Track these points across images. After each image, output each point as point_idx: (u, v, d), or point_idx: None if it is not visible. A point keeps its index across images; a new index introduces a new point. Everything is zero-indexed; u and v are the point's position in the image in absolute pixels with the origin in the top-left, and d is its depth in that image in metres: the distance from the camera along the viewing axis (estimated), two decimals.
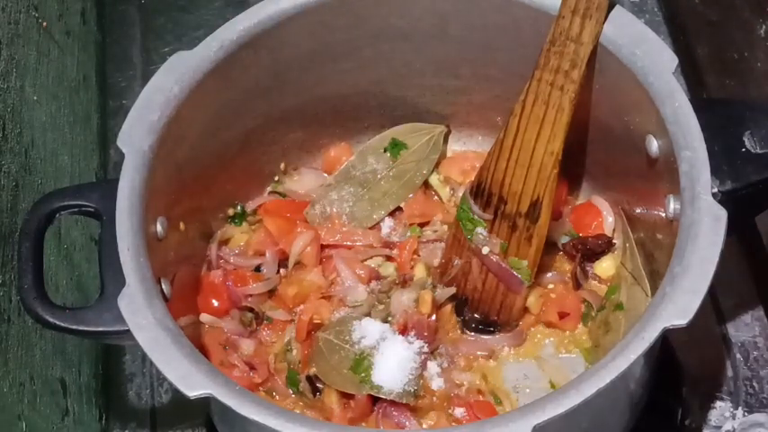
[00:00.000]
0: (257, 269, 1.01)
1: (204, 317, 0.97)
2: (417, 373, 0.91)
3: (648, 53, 0.84)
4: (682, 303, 0.74)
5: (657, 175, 0.86)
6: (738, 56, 1.12)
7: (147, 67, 1.25)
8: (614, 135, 0.92)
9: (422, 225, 1.03)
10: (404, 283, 0.98)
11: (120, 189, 0.84)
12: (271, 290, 1.00)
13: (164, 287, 0.85)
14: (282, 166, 1.06)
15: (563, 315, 0.96)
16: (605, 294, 0.96)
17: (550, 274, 0.99)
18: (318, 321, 0.97)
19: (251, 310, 0.98)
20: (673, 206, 0.82)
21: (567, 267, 0.99)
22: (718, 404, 0.97)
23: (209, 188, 0.98)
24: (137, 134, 0.86)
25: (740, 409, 0.97)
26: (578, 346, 0.96)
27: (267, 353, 0.97)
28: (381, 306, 0.96)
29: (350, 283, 0.99)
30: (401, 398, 0.90)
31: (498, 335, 0.97)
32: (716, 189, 0.79)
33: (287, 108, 1.00)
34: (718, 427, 0.96)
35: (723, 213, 0.77)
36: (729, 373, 0.99)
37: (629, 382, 0.84)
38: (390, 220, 1.04)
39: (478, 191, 0.94)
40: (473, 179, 0.96)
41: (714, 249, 0.76)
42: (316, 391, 0.93)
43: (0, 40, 0.94)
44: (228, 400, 0.74)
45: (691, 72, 1.15)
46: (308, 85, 0.99)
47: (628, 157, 0.90)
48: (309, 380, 0.94)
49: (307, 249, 1.00)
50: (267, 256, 1.00)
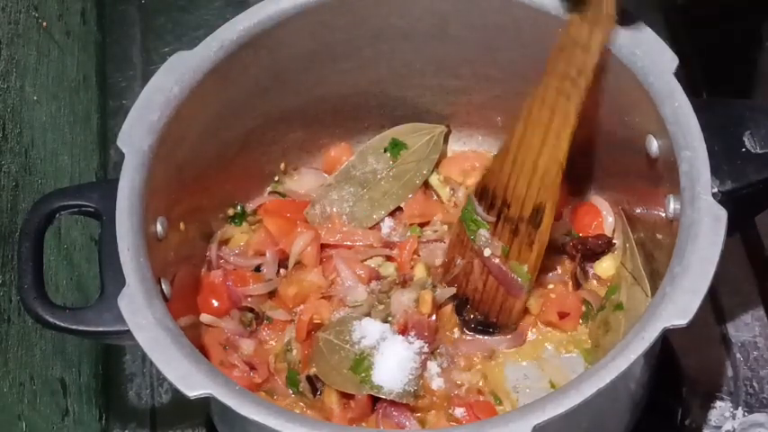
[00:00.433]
0: (257, 269, 1.01)
1: (204, 317, 0.97)
2: (417, 373, 0.91)
3: (648, 53, 0.84)
4: (682, 303, 0.74)
5: (657, 175, 0.86)
6: (738, 56, 1.12)
7: (147, 67, 1.25)
8: (614, 135, 0.92)
9: (422, 225, 1.03)
10: (404, 283, 0.98)
11: (120, 189, 0.84)
12: (271, 290, 1.00)
13: (164, 287, 0.85)
14: (282, 166, 1.06)
15: (563, 315, 0.96)
16: (605, 294, 0.96)
17: (550, 274, 0.99)
18: (318, 321, 0.97)
19: (251, 310, 0.98)
20: (673, 206, 0.82)
21: (568, 267, 0.99)
22: (718, 404, 0.97)
23: (209, 188, 0.98)
24: (137, 134, 0.86)
25: (740, 409, 0.97)
26: (578, 347, 0.96)
27: (267, 353, 0.97)
28: (381, 306, 0.96)
29: (350, 283, 0.99)
30: (401, 398, 0.90)
31: (498, 336, 0.97)
32: (716, 189, 0.79)
33: (287, 108, 1.00)
34: (718, 427, 0.96)
35: (723, 213, 0.77)
36: (729, 373, 0.99)
37: (629, 382, 0.84)
38: (390, 220, 1.04)
39: (483, 193, 0.94)
40: (479, 180, 0.96)
41: (714, 249, 0.76)
42: (316, 391, 0.93)
43: (0, 40, 0.94)
44: (228, 400, 0.74)
45: (691, 72, 1.15)
46: (308, 85, 0.99)
47: (628, 157, 0.90)
48: (309, 380, 0.93)
49: (307, 249, 1.00)
50: (267, 256, 1.00)
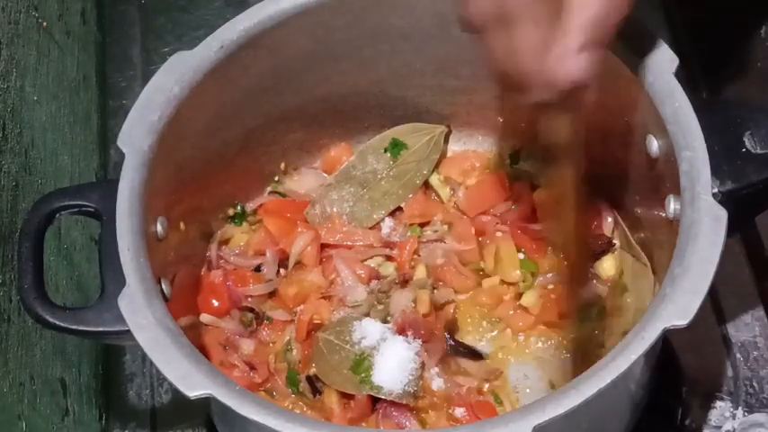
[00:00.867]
0: (257, 269, 1.01)
1: (204, 317, 0.96)
2: (417, 373, 0.91)
3: (648, 53, 0.84)
4: (682, 304, 0.74)
5: (657, 175, 0.85)
6: (738, 56, 1.12)
7: (147, 67, 1.25)
8: (614, 135, 0.91)
9: (422, 225, 1.03)
10: (404, 282, 0.98)
11: (120, 189, 0.83)
12: (271, 290, 1.00)
13: (164, 287, 0.84)
14: (282, 166, 1.06)
15: (563, 315, 0.96)
16: (610, 286, 0.96)
17: (550, 274, 0.99)
18: (318, 321, 0.97)
19: (251, 310, 0.98)
20: (673, 206, 0.82)
21: None
22: (718, 404, 0.97)
23: (209, 188, 0.98)
24: (137, 134, 0.86)
25: (740, 409, 0.97)
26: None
27: (267, 353, 0.97)
28: (381, 306, 0.96)
29: (350, 283, 0.98)
30: (401, 398, 0.89)
31: (479, 363, 0.95)
32: (716, 189, 0.79)
33: (287, 108, 1.00)
34: (718, 427, 0.96)
35: (723, 213, 0.77)
36: (729, 373, 0.98)
37: (629, 383, 0.84)
38: (390, 220, 1.04)
39: None
40: None
41: (714, 249, 0.75)
42: (316, 391, 0.93)
43: (0, 40, 0.94)
44: (228, 401, 0.74)
45: (691, 72, 1.15)
46: (308, 85, 0.99)
47: (628, 157, 0.90)
48: (309, 380, 0.93)
49: (307, 249, 1.00)
50: (267, 255, 1.00)
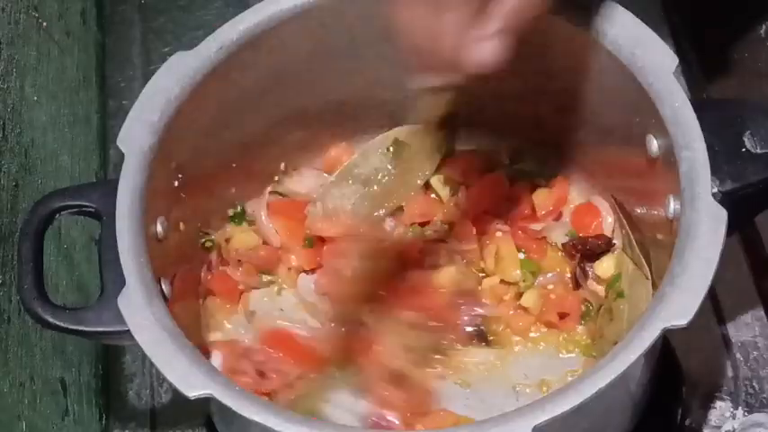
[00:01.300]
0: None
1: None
2: None
3: (648, 53, 0.84)
4: (682, 303, 0.74)
5: (657, 175, 0.85)
6: (738, 56, 1.12)
7: (147, 67, 1.25)
8: (614, 135, 0.91)
9: (422, 225, 1.03)
10: None
11: (120, 189, 0.83)
12: None
13: (164, 287, 0.84)
14: (283, 166, 1.06)
15: (563, 315, 0.96)
16: (607, 285, 0.96)
17: (550, 274, 0.99)
18: None
19: None
20: (673, 206, 0.82)
21: (567, 267, 0.99)
22: (718, 404, 0.97)
23: (209, 188, 0.98)
24: (137, 134, 0.86)
25: (740, 409, 0.97)
26: (578, 346, 0.96)
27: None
28: None
29: None
30: None
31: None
32: (716, 189, 0.79)
33: (287, 108, 1.00)
34: (718, 427, 0.96)
35: (723, 213, 0.77)
36: (729, 373, 0.98)
37: (629, 383, 0.84)
38: (391, 220, 1.04)
39: None
40: None
41: (714, 249, 0.75)
42: None
43: (0, 40, 0.94)
44: (228, 401, 0.74)
45: (691, 72, 1.15)
46: (308, 86, 0.99)
47: (628, 157, 0.90)
48: None
49: None
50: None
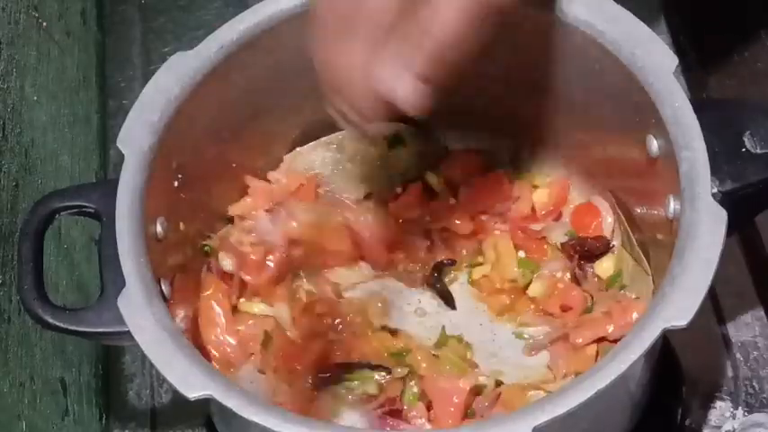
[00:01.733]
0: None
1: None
2: None
3: (648, 53, 0.84)
4: (682, 303, 0.74)
5: (657, 175, 0.85)
6: (738, 56, 1.12)
7: (147, 67, 1.25)
8: (614, 135, 0.91)
9: (407, 222, 1.02)
10: None
11: (120, 189, 0.83)
12: None
13: (163, 287, 0.84)
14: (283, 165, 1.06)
15: (565, 308, 0.96)
16: (607, 281, 0.96)
17: (553, 262, 0.98)
18: None
19: None
20: (673, 206, 0.82)
21: (567, 268, 0.98)
22: (718, 404, 0.97)
23: (209, 188, 0.98)
24: (137, 134, 0.86)
25: (740, 409, 0.96)
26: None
27: None
28: None
29: None
30: None
31: None
32: (716, 189, 0.79)
33: (287, 108, 1.00)
34: (718, 427, 0.96)
35: (723, 213, 0.77)
36: (729, 373, 0.98)
37: (629, 383, 0.84)
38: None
39: None
40: None
41: (714, 249, 0.75)
42: None
43: (0, 40, 0.94)
44: (228, 402, 0.74)
45: (691, 72, 1.15)
46: (308, 86, 0.99)
47: (628, 157, 0.90)
48: None
49: None
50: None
